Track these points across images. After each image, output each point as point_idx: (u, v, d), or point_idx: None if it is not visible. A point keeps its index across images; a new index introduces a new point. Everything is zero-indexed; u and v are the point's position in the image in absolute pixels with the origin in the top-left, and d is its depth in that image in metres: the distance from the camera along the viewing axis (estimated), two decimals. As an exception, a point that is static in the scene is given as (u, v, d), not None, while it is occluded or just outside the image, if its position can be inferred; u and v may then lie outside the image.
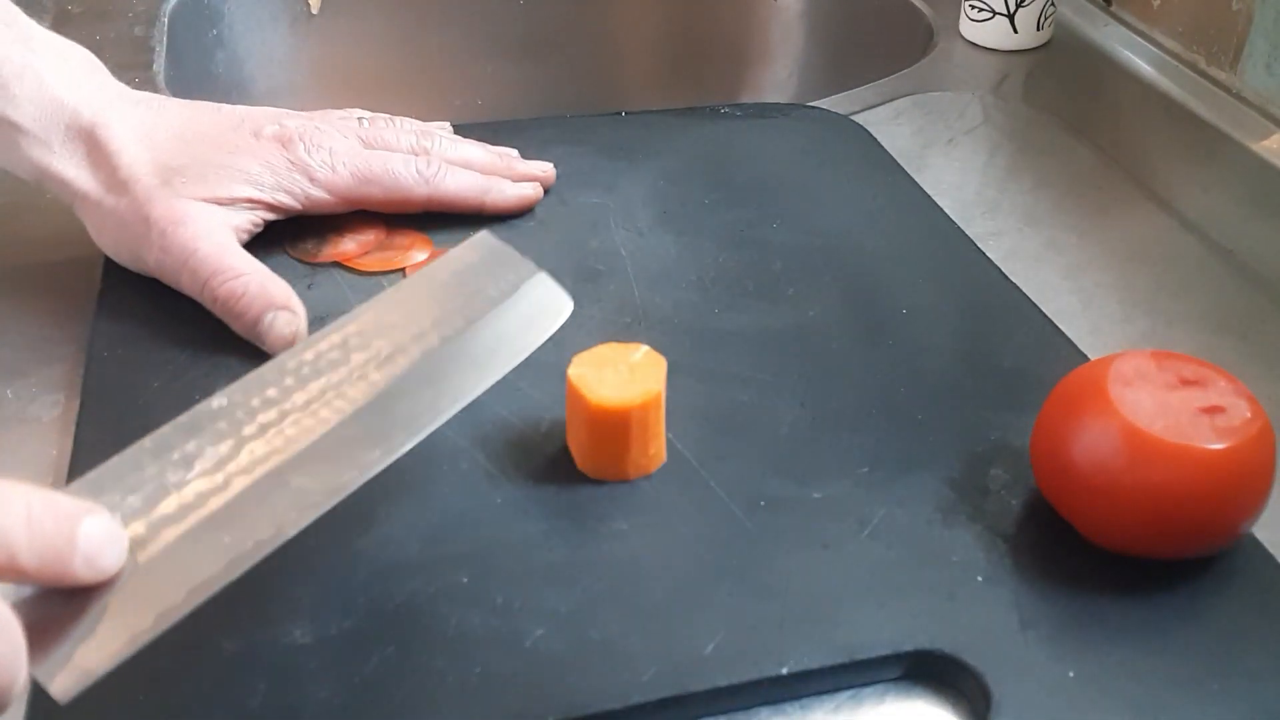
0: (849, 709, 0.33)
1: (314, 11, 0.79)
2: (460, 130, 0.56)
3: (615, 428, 0.37)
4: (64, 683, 0.26)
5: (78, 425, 0.40)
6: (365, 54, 0.82)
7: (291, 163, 0.47)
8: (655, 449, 0.39)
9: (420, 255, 0.49)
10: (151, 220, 0.44)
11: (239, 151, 0.46)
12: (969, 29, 0.73)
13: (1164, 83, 0.68)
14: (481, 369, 0.34)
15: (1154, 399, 0.35)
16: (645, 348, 0.38)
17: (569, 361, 0.38)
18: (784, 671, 0.32)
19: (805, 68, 0.85)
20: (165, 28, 0.71)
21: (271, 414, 0.31)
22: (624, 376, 0.37)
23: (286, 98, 0.79)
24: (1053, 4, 0.71)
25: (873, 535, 0.37)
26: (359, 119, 0.52)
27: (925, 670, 0.34)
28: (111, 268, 0.47)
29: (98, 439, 0.39)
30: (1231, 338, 0.48)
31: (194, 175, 0.45)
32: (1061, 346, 0.45)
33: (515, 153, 0.55)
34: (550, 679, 0.32)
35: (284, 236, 0.49)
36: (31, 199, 0.47)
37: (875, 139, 0.60)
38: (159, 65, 0.66)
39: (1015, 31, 0.71)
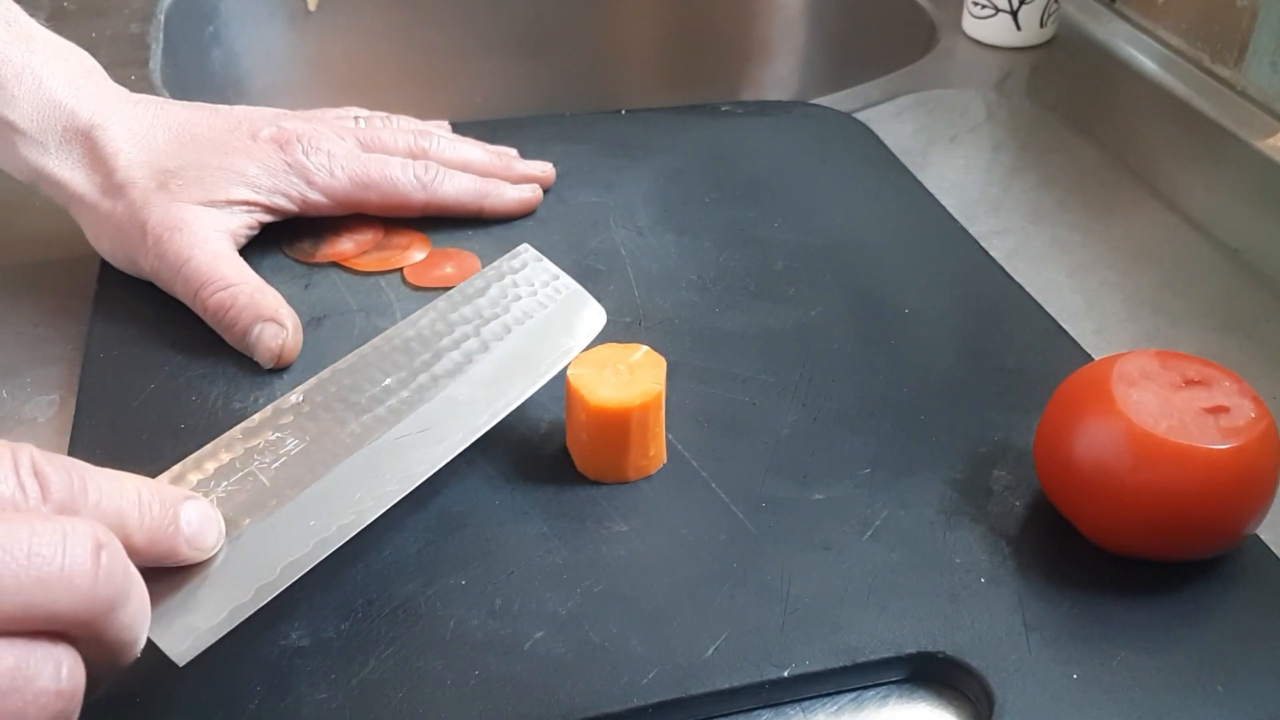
0: (851, 711, 0.33)
1: (311, 8, 0.79)
2: (459, 128, 0.55)
3: (615, 429, 0.37)
4: (180, 647, 0.29)
5: (74, 426, 0.40)
6: (363, 51, 0.81)
7: (289, 165, 0.47)
8: (655, 450, 0.38)
9: (418, 255, 0.49)
10: (147, 226, 0.44)
11: (236, 153, 0.46)
12: (972, 26, 0.72)
13: (1168, 80, 0.67)
14: (526, 376, 0.37)
15: (1158, 399, 0.34)
16: (645, 348, 0.38)
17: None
18: (785, 674, 0.32)
19: (807, 65, 0.85)
20: (161, 25, 0.70)
21: (343, 410, 0.34)
22: (624, 377, 0.37)
23: (283, 95, 0.79)
24: (1056, 1, 0.71)
25: (875, 537, 0.36)
26: (355, 118, 0.52)
27: (928, 673, 0.33)
28: (108, 268, 0.47)
29: (94, 440, 0.39)
30: (1236, 337, 0.48)
31: (191, 178, 0.45)
32: (1065, 346, 0.45)
33: (514, 152, 0.55)
34: (549, 682, 0.32)
35: (281, 237, 0.49)
36: (28, 198, 0.47)
37: (877, 137, 0.60)
38: (155, 63, 0.66)
39: (1018, 28, 0.71)
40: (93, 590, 0.25)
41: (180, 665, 0.29)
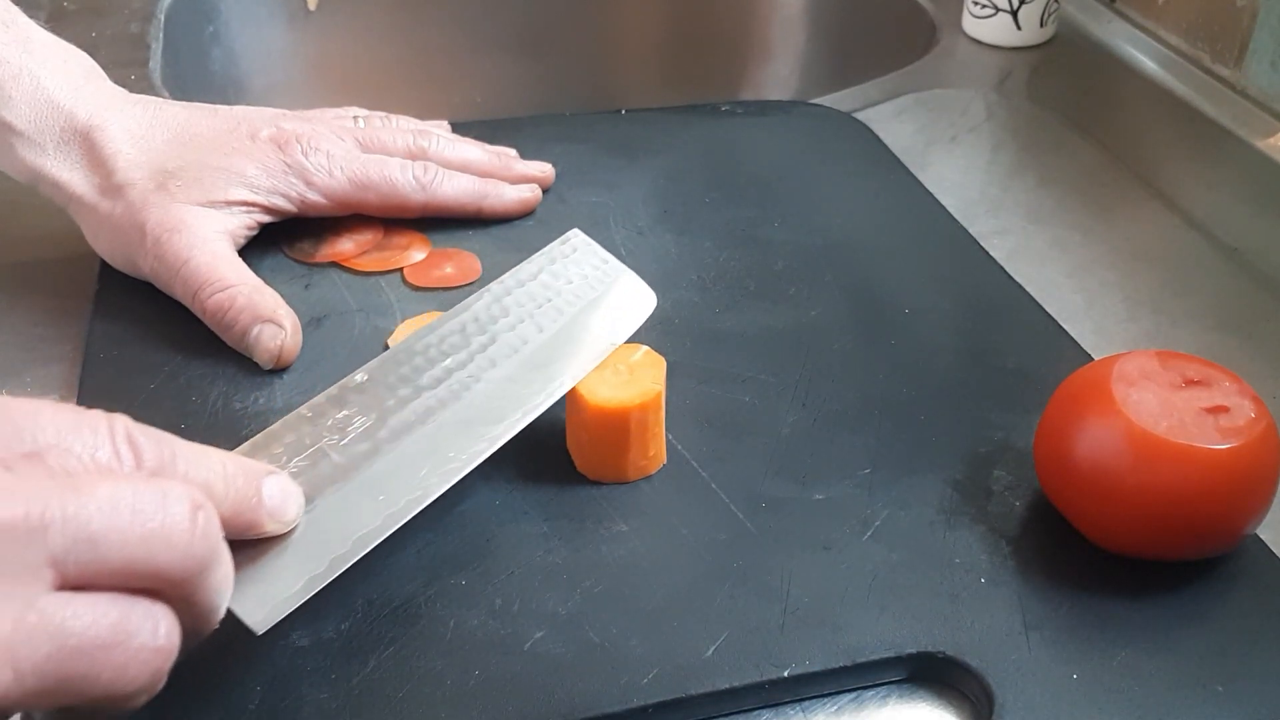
0: (851, 711, 0.33)
1: (311, 8, 0.79)
2: (459, 128, 0.55)
3: (615, 429, 0.37)
4: (258, 616, 0.30)
5: (74, 426, 0.40)
6: (363, 51, 0.81)
7: (288, 165, 0.47)
8: (655, 450, 0.38)
9: (419, 255, 0.49)
10: (146, 228, 0.44)
11: (235, 154, 0.46)
12: (972, 26, 0.72)
13: (1168, 80, 0.67)
14: (580, 356, 0.37)
15: (1158, 399, 0.34)
16: (644, 348, 0.38)
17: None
18: (785, 674, 0.32)
19: (807, 64, 0.85)
20: (162, 25, 0.70)
21: (406, 390, 0.35)
22: (623, 377, 0.37)
23: (283, 95, 0.79)
24: (1056, 0, 0.71)
25: (875, 537, 0.36)
26: (355, 117, 0.52)
27: (928, 673, 0.33)
28: (108, 268, 0.47)
29: (94, 440, 0.39)
30: (1236, 337, 0.48)
31: (190, 178, 0.45)
32: (1065, 346, 0.45)
33: (514, 152, 0.55)
34: (549, 682, 0.32)
35: (281, 237, 0.49)
36: (28, 197, 0.47)
37: (877, 136, 0.60)
38: (155, 62, 0.66)
39: (1018, 28, 0.71)
40: (189, 548, 0.26)
41: (258, 634, 0.30)
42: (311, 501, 0.32)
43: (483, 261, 0.49)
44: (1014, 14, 0.70)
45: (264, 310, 0.42)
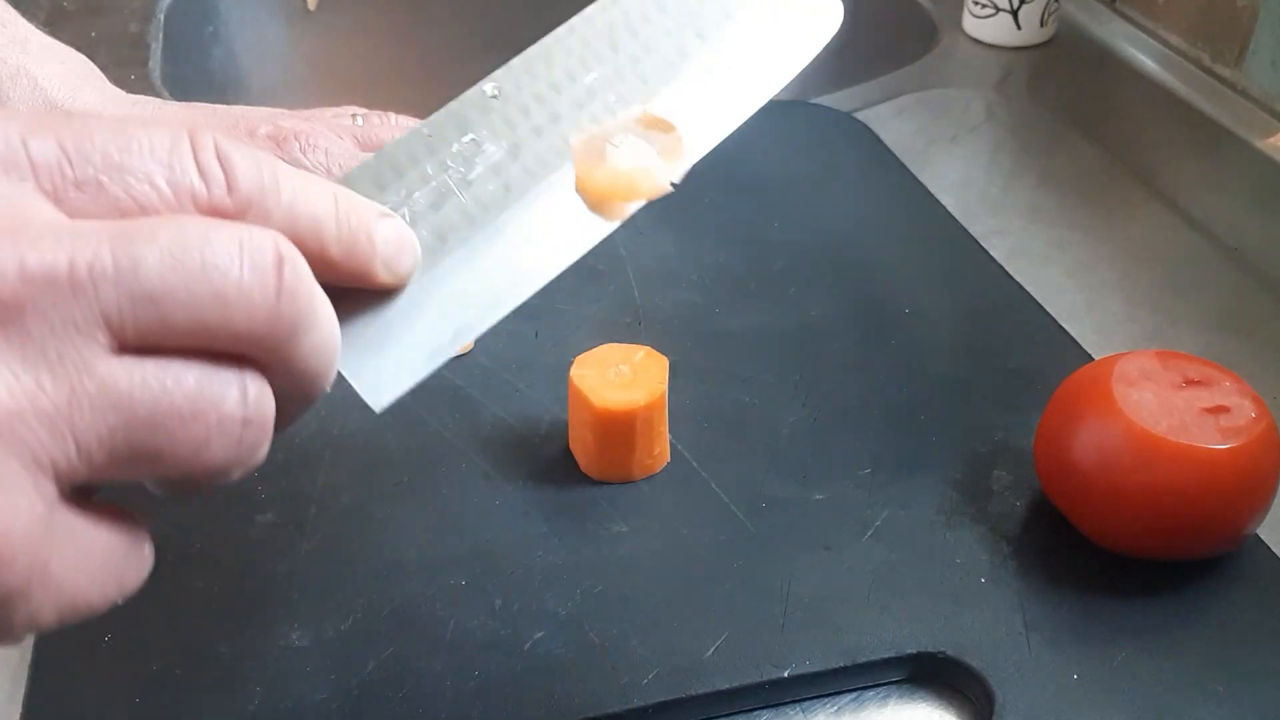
0: (851, 711, 0.33)
1: (311, 8, 0.79)
2: (459, 128, 0.55)
3: (621, 430, 0.37)
4: (375, 391, 0.25)
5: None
6: (362, 50, 0.81)
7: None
8: (660, 449, 0.38)
9: (419, 254, 0.49)
10: None
11: (233, 151, 0.46)
12: (972, 25, 0.72)
13: (1168, 80, 0.67)
14: (747, 85, 0.29)
15: (1158, 399, 0.34)
16: (646, 348, 0.38)
17: (569, 363, 0.38)
18: (785, 674, 0.32)
19: (807, 64, 0.85)
20: (161, 24, 0.70)
21: (544, 113, 0.28)
22: (626, 378, 0.37)
23: (283, 94, 0.79)
24: (1056, 0, 0.71)
25: (875, 537, 0.36)
26: (353, 115, 0.51)
27: (928, 673, 0.33)
28: (108, 267, 0.47)
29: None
30: (1236, 337, 0.48)
31: None
32: (1065, 346, 0.45)
33: (514, 150, 0.54)
34: (549, 682, 0.32)
35: (282, 235, 0.49)
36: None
37: (877, 136, 0.60)
38: (155, 62, 0.66)
39: (1019, 28, 0.71)
40: (274, 308, 0.21)
41: (376, 412, 0.25)
42: (433, 252, 0.26)
43: (483, 261, 0.49)
44: (1014, 14, 0.70)
45: None
